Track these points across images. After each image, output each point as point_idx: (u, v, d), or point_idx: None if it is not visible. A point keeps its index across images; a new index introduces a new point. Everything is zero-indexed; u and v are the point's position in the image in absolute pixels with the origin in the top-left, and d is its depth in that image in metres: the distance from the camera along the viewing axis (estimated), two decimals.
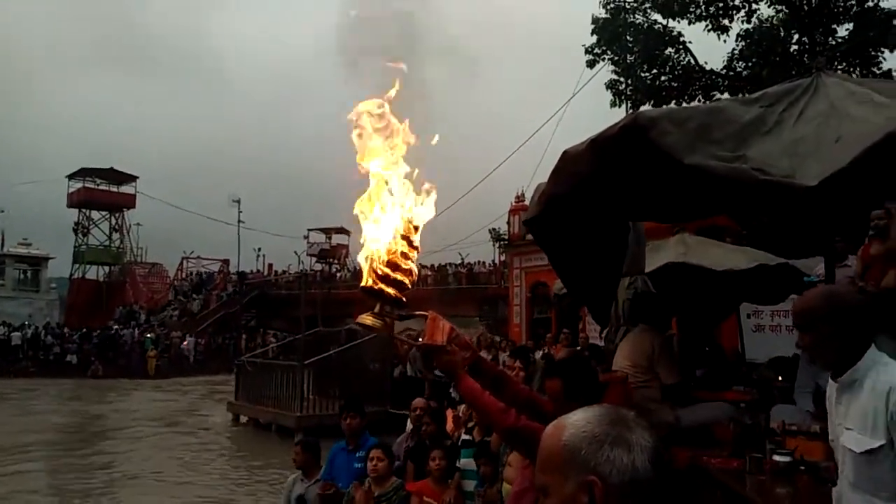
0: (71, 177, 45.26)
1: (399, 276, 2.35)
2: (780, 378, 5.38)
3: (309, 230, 48.94)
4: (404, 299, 2.37)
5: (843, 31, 13.09)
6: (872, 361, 2.02)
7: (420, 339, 2.42)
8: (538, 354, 11.28)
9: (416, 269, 2.43)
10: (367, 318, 2.34)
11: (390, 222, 2.40)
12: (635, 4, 14.43)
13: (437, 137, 2.52)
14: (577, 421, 1.09)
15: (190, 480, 10.35)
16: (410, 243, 2.41)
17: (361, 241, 2.42)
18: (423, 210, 2.47)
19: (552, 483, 1.06)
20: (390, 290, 2.33)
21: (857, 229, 4.53)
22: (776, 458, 3.32)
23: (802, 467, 3.19)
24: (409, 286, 2.39)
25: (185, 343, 33.11)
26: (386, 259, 2.35)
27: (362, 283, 2.37)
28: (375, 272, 2.34)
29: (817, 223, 4.29)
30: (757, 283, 6.68)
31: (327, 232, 48.84)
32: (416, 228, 2.44)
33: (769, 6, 13.62)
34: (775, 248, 6.21)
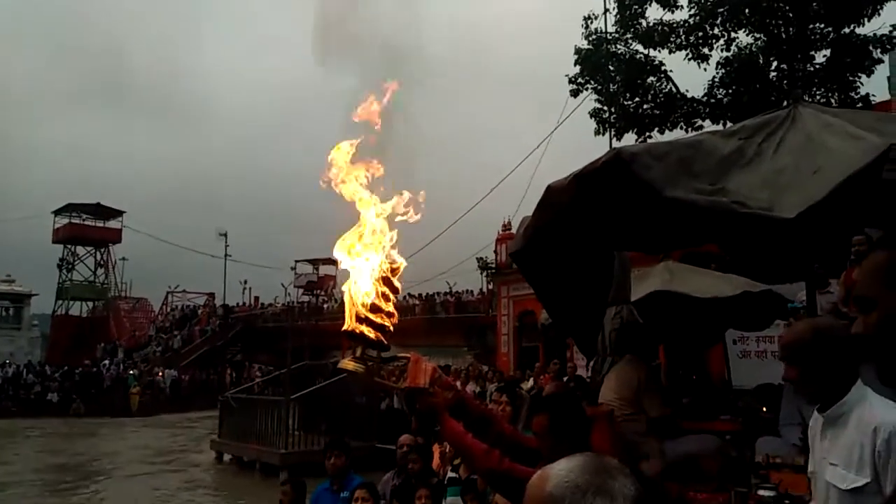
0: (57, 212, 44.99)
1: (379, 319, 2.34)
2: (764, 409, 5.38)
3: (296, 261, 48.70)
4: (385, 341, 2.36)
5: (820, 57, 13.36)
6: (859, 396, 2.00)
7: (403, 383, 2.39)
8: (527, 385, 11.21)
9: (395, 312, 2.43)
10: (348, 364, 2.34)
11: (369, 265, 2.41)
12: (617, 35, 14.72)
13: (422, 193, 2.56)
14: (561, 471, 1.09)
15: None
16: (391, 285, 2.41)
17: (342, 285, 2.42)
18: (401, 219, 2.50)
19: None
20: (370, 333, 2.32)
21: (837, 255, 4.56)
22: (761, 492, 3.30)
23: (787, 501, 3.15)
24: (390, 328, 2.38)
25: (161, 375, 32.62)
26: (366, 302, 2.34)
27: (343, 327, 2.36)
28: (356, 315, 2.33)
29: (797, 250, 4.31)
30: (742, 309, 6.71)
31: (315, 263, 48.61)
32: (394, 271, 2.43)
33: (748, 34, 13.90)
34: (759, 274, 6.25)
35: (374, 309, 2.35)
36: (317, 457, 9.50)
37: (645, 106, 14.70)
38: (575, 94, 15.27)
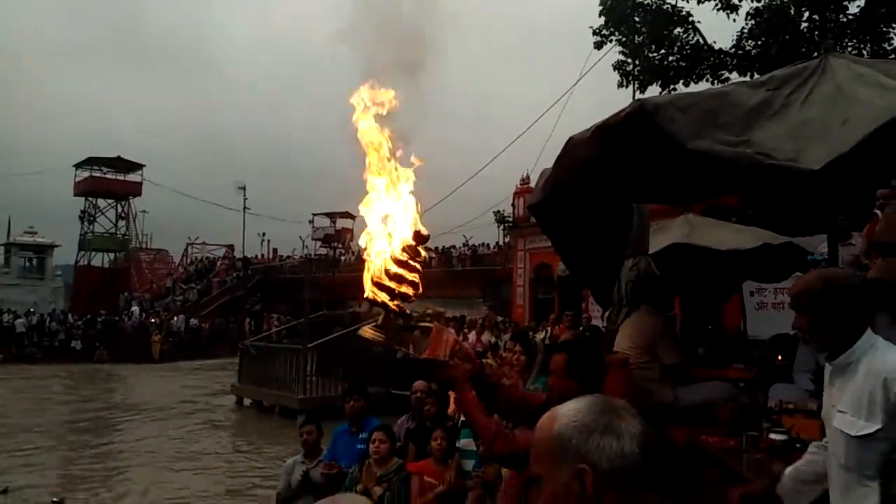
0: (78, 166, 45.26)
1: (402, 288, 2.33)
2: (780, 357, 5.40)
3: (314, 215, 48.91)
4: (407, 310, 2.36)
5: (853, 7, 12.94)
6: (868, 345, 2.02)
7: (423, 353, 2.40)
8: (540, 336, 11.34)
9: (419, 281, 2.40)
10: (367, 332, 2.36)
11: (394, 232, 2.38)
12: None
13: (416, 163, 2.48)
14: (569, 411, 1.13)
15: (192, 461, 10.45)
16: (416, 254, 2.39)
17: (364, 247, 2.40)
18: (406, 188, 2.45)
19: (546, 472, 1.10)
20: (390, 302, 2.32)
21: (861, 208, 4.52)
22: (773, 436, 3.36)
23: (798, 445, 3.20)
24: (413, 297, 2.37)
25: (174, 319, 33.27)
26: (389, 269, 2.33)
27: (364, 294, 2.36)
28: (376, 282, 2.33)
29: (821, 202, 4.27)
30: (761, 261, 6.69)
31: (332, 216, 48.81)
32: (422, 238, 2.41)
33: None
34: (781, 226, 6.21)
35: (397, 278, 2.34)
36: (333, 401, 9.76)
37: (671, 58, 14.35)
38: (599, 46, 14.91)
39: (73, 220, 45.70)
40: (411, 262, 2.38)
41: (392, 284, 2.33)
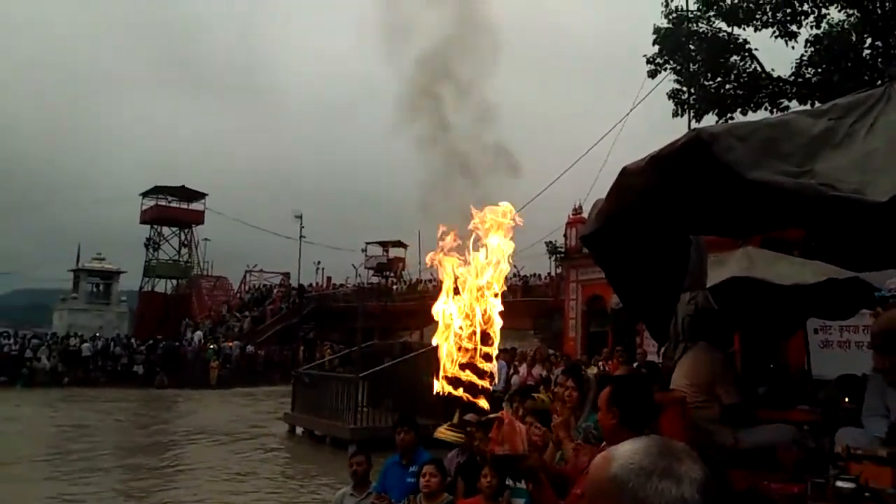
0: (144, 194, 47.35)
1: (475, 379, 2.25)
2: (846, 399, 5.14)
3: (367, 243, 49.68)
4: (486, 407, 2.25)
5: None
6: None
7: (502, 448, 2.26)
8: (593, 370, 11.11)
9: (494, 373, 2.32)
10: (444, 433, 2.25)
11: (466, 316, 2.31)
12: (699, 13, 14.15)
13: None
14: (625, 452, 1.08)
15: (243, 489, 10.56)
16: (487, 338, 2.32)
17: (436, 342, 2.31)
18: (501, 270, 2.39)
19: None
20: (467, 396, 2.24)
21: None
22: (839, 483, 3.16)
23: (867, 494, 3.02)
24: (490, 388, 2.28)
25: (230, 344, 33.97)
26: (461, 360, 2.26)
27: (435, 390, 2.27)
28: (450, 377, 2.25)
29: (889, 236, 4.09)
30: (825, 297, 6.42)
31: (384, 245, 49.45)
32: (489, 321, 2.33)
33: (839, 10, 13.13)
34: (846, 261, 5.96)
35: (473, 369, 2.24)
36: (384, 432, 9.74)
37: (727, 86, 14.14)
38: (653, 74, 14.81)
39: (138, 247, 47.70)
40: (486, 351, 2.30)
41: (467, 376, 2.24)
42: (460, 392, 2.21)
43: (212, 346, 33.00)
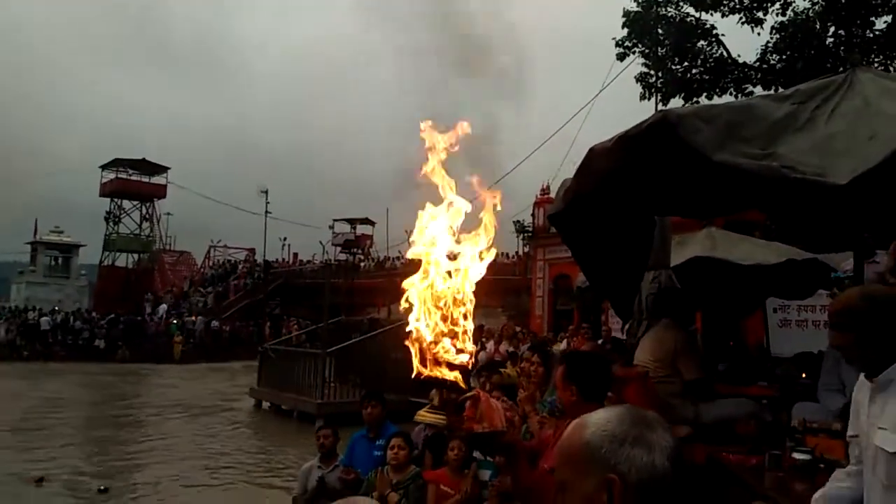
0: (104, 167, 46.12)
1: (455, 359, 2.19)
2: (804, 375, 5.34)
3: (334, 220, 49.28)
4: (464, 385, 2.20)
5: (881, 23, 12.77)
6: None
7: (481, 426, 2.20)
8: (559, 346, 11.28)
9: (471, 349, 2.26)
10: (426, 416, 2.19)
11: (441, 294, 2.26)
12: None
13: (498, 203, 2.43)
14: (599, 420, 1.10)
15: (211, 464, 10.53)
16: (464, 316, 2.28)
17: (414, 321, 2.23)
18: (478, 268, 2.35)
19: (572, 479, 1.08)
20: (448, 375, 2.17)
21: (887, 225, 4.46)
22: (795, 455, 3.31)
23: (822, 465, 3.16)
24: (469, 365, 2.24)
25: (194, 318, 33.71)
26: (440, 341, 2.19)
27: (415, 373, 2.19)
28: (431, 357, 2.17)
29: (847, 219, 4.22)
30: (785, 277, 6.62)
31: (352, 222, 49.16)
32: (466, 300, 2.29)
33: None
34: (805, 242, 6.14)
35: (450, 344, 2.17)
36: (351, 407, 9.77)
37: (694, 71, 14.28)
38: (621, 57, 14.90)
39: (98, 220, 46.57)
40: (463, 326, 2.25)
41: (445, 356, 2.17)
42: (439, 372, 2.16)
43: (175, 322, 32.58)
